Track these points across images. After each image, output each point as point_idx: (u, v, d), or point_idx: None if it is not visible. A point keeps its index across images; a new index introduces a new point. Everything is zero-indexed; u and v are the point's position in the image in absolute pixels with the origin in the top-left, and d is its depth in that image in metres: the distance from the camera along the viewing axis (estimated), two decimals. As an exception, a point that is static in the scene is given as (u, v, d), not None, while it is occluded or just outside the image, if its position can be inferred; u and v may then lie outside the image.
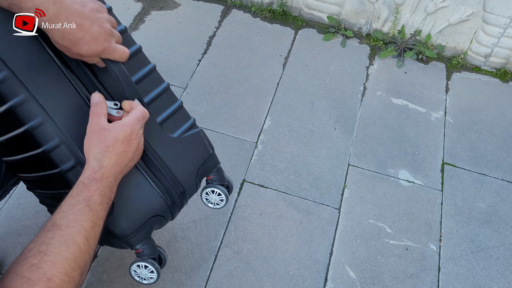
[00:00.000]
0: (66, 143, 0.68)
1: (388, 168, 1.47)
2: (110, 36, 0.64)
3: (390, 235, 1.32)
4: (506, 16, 1.61)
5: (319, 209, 1.36)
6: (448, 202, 1.41)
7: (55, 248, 0.56)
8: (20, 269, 0.53)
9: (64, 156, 0.68)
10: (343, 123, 1.58)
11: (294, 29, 1.89)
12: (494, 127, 1.61)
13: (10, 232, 1.24)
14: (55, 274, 0.54)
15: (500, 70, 1.79)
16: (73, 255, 0.56)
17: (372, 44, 1.85)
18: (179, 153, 0.84)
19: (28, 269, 0.53)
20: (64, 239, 0.57)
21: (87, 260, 0.59)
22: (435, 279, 1.25)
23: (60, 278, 0.54)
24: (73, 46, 0.61)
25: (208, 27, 1.86)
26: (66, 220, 0.59)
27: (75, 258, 0.56)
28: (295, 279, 1.22)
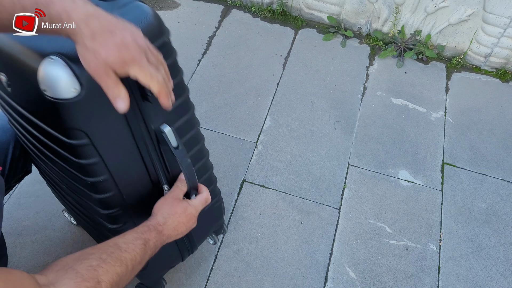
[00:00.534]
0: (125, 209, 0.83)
1: (388, 168, 1.47)
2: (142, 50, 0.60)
3: (390, 235, 1.32)
4: (506, 16, 1.61)
5: (319, 209, 1.36)
6: (448, 202, 1.41)
7: (112, 261, 0.64)
8: (78, 266, 0.60)
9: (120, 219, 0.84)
10: (343, 123, 1.58)
11: (294, 29, 1.89)
12: (494, 127, 1.61)
13: (10, 232, 1.24)
14: (105, 280, 0.61)
15: (500, 70, 1.79)
16: (122, 273, 0.65)
17: (372, 44, 1.85)
18: (202, 222, 0.96)
19: (85, 268, 0.60)
20: (121, 259, 0.66)
21: (123, 284, 0.67)
22: (435, 279, 1.25)
23: (107, 285, 0.61)
24: (102, 47, 0.57)
25: (208, 27, 1.86)
26: (126, 246, 0.68)
27: (121, 276, 0.65)
28: (295, 279, 1.22)
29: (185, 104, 0.80)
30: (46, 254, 1.21)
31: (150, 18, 0.69)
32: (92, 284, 0.59)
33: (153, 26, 0.69)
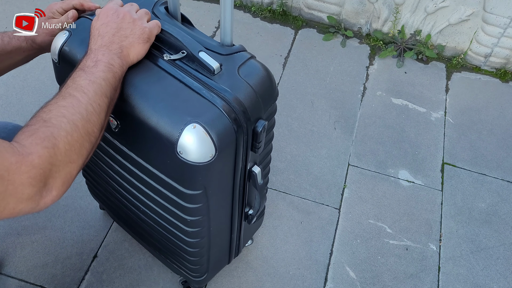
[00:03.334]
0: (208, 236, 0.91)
1: (388, 168, 1.47)
2: None
3: (390, 235, 1.32)
4: (506, 16, 1.61)
5: (319, 209, 1.36)
6: (448, 202, 1.41)
7: (53, 102, 0.61)
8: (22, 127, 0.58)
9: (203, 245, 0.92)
10: (343, 123, 1.58)
11: (294, 29, 1.89)
12: (494, 127, 1.61)
13: (10, 232, 1.24)
14: (51, 117, 0.58)
15: (500, 70, 1.79)
16: (70, 104, 0.60)
17: (372, 44, 1.85)
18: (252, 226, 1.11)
19: (27, 123, 0.59)
20: (61, 94, 0.61)
21: (90, 109, 0.62)
22: (435, 279, 1.25)
23: (57, 119, 0.58)
24: None
25: (208, 27, 1.86)
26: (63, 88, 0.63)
27: (73, 105, 0.60)
28: (295, 279, 1.22)
29: (270, 148, 0.90)
30: (46, 254, 1.21)
31: (266, 81, 0.76)
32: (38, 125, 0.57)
33: (268, 88, 0.76)
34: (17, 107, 1.49)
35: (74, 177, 0.60)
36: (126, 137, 0.78)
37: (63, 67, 0.78)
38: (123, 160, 0.83)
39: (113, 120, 0.76)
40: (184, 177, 0.74)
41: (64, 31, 0.78)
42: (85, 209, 1.29)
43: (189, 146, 0.67)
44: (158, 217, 0.89)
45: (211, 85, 0.71)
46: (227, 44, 0.79)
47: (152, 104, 0.69)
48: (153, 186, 0.81)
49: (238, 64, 0.75)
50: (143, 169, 0.80)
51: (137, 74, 0.72)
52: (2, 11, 1.78)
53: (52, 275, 1.18)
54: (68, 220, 1.27)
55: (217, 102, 0.69)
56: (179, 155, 0.68)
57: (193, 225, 0.84)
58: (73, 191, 1.32)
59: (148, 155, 0.77)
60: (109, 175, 0.93)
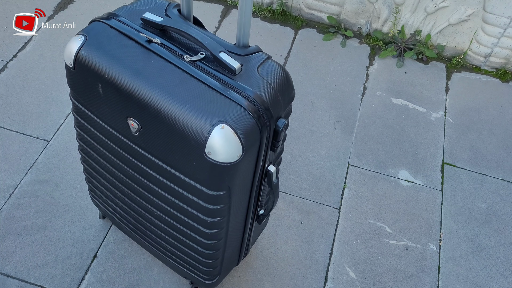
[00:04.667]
0: (225, 237, 0.92)
1: (388, 168, 1.47)
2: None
3: (390, 235, 1.32)
4: (506, 16, 1.61)
5: (319, 209, 1.36)
6: (448, 202, 1.41)
7: None
8: None
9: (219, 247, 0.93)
10: (343, 123, 1.58)
11: (294, 29, 1.89)
12: (494, 127, 1.61)
13: (10, 232, 1.24)
14: None
15: (500, 70, 1.79)
16: None
17: (372, 44, 1.85)
18: (261, 227, 1.14)
19: None
20: None
21: None
22: (435, 279, 1.25)
23: None
24: None
25: (208, 27, 1.86)
26: None
27: None
28: (295, 279, 1.22)
29: (283, 148, 0.91)
30: (46, 254, 1.21)
31: (285, 80, 0.79)
32: None
33: (287, 87, 0.79)
34: (17, 107, 1.49)
35: None
36: (148, 141, 0.78)
37: (79, 72, 0.77)
38: (140, 164, 0.83)
39: (134, 124, 0.76)
40: (210, 178, 0.75)
41: (79, 35, 0.77)
42: (85, 209, 1.29)
43: (218, 146, 0.68)
44: (175, 221, 0.89)
45: (234, 85, 0.72)
46: (243, 45, 0.79)
47: (178, 106, 0.69)
48: (173, 189, 0.81)
49: (257, 64, 0.76)
50: (164, 173, 0.80)
51: (160, 76, 0.72)
52: (2, 11, 1.78)
53: (52, 275, 1.18)
54: (68, 220, 1.27)
55: (242, 102, 0.70)
56: (207, 156, 0.69)
57: (213, 226, 0.84)
58: (73, 191, 1.32)
59: (171, 158, 0.77)
60: (121, 180, 0.92)
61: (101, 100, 0.79)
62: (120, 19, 0.79)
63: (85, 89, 0.82)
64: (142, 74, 0.72)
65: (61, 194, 1.32)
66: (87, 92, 0.82)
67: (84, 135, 0.93)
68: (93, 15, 1.84)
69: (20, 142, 1.42)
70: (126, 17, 0.80)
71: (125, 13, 0.81)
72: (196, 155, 0.70)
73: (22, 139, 1.43)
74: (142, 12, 0.80)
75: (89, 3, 1.87)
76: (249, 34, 0.78)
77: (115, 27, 0.78)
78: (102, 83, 0.76)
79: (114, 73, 0.73)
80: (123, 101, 0.75)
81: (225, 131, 0.67)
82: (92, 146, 0.93)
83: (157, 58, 0.74)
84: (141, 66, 0.73)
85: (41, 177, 1.35)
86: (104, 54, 0.74)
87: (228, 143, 0.68)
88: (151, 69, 0.73)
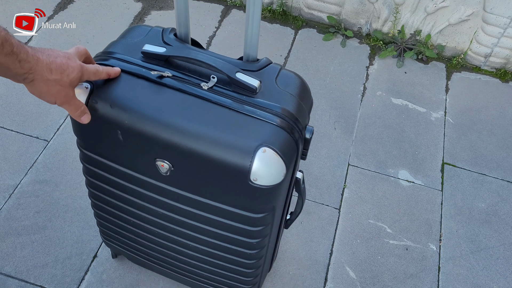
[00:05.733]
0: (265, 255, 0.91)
1: (388, 168, 1.47)
2: None
3: (390, 235, 1.32)
4: (506, 16, 1.61)
5: (319, 209, 1.36)
6: (448, 202, 1.41)
7: None
8: None
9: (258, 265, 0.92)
10: (343, 123, 1.58)
11: (294, 29, 1.89)
12: (494, 127, 1.61)
13: (10, 232, 1.24)
14: None
15: (500, 70, 1.79)
16: None
17: (372, 44, 1.85)
18: None
19: None
20: None
21: None
22: (435, 279, 1.25)
23: None
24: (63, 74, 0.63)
25: (208, 27, 1.86)
26: None
27: None
28: (295, 279, 1.22)
29: None
30: (46, 254, 1.21)
31: (304, 87, 0.76)
32: None
33: (307, 94, 0.77)
34: (17, 107, 1.49)
35: None
36: (181, 178, 0.74)
37: (91, 123, 0.70)
38: (172, 202, 0.79)
39: (164, 165, 0.72)
40: (255, 203, 0.73)
41: (84, 83, 0.71)
42: (85, 209, 1.29)
43: (263, 171, 0.66)
44: (214, 249, 0.86)
45: (260, 104, 0.69)
46: (252, 59, 0.76)
47: (212, 138, 0.66)
48: (212, 220, 0.79)
49: (274, 77, 0.74)
50: (200, 206, 0.77)
51: (184, 111, 0.69)
52: (2, 11, 1.78)
53: (52, 275, 1.18)
54: (68, 220, 1.27)
55: (274, 120, 0.68)
56: (252, 183, 0.67)
57: (257, 246, 0.83)
58: (73, 191, 1.32)
59: (209, 191, 0.74)
60: (146, 221, 0.88)
61: (122, 147, 0.74)
62: (119, 57, 0.74)
63: (100, 138, 0.76)
64: (165, 112, 0.68)
65: (61, 194, 1.32)
66: (103, 141, 0.76)
67: (97, 183, 0.87)
68: (93, 15, 1.85)
69: (20, 142, 1.42)
70: (124, 53, 0.74)
71: (122, 49, 0.75)
72: (239, 184, 0.68)
73: (22, 139, 1.43)
74: (138, 45, 0.75)
75: (89, 3, 1.87)
76: (257, 48, 0.75)
77: (119, 67, 0.72)
78: (122, 130, 0.70)
79: (134, 118, 0.69)
80: (149, 144, 0.70)
81: (268, 154, 0.65)
82: (108, 192, 0.87)
83: (174, 92, 0.70)
84: (160, 103, 0.69)
85: (41, 177, 1.35)
86: (117, 99, 0.69)
87: (273, 166, 0.66)
88: (172, 105, 0.69)
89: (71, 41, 1.71)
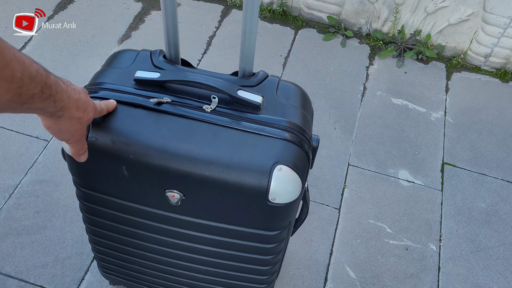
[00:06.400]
0: None
1: (388, 168, 1.47)
2: None
3: (390, 235, 1.32)
4: (506, 16, 1.61)
5: (319, 209, 1.36)
6: (448, 202, 1.41)
7: None
8: None
9: None
10: (343, 123, 1.58)
11: (294, 29, 1.89)
12: (494, 127, 1.61)
13: (10, 232, 1.24)
14: None
15: (500, 70, 1.79)
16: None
17: (372, 44, 1.85)
18: None
19: None
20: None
21: None
22: (435, 279, 1.25)
23: None
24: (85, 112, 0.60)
25: (208, 27, 1.86)
26: None
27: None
28: (295, 279, 1.22)
29: None
30: (46, 254, 1.21)
31: (304, 97, 0.75)
32: None
33: (308, 102, 0.76)
34: (17, 107, 1.49)
35: None
36: (192, 207, 0.72)
37: (91, 161, 0.67)
38: (183, 230, 0.77)
39: (174, 195, 0.69)
40: (273, 221, 0.72)
41: None
42: (85, 209, 1.29)
43: (281, 189, 0.65)
44: (227, 270, 0.85)
45: (266, 120, 0.68)
46: (248, 73, 0.75)
47: (225, 163, 0.64)
48: (226, 242, 0.77)
49: (274, 90, 0.72)
50: (213, 231, 0.75)
51: (191, 137, 0.66)
52: (2, 11, 1.78)
53: (52, 275, 1.18)
54: (68, 220, 1.27)
55: (283, 135, 0.66)
56: (271, 202, 0.66)
57: (272, 262, 0.82)
58: (73, 191, 1.32)
59: (224, 215, 0.72)
60: (152, 250, 0.85)
61: (127, 181, 0.70)
62: (110, 87, 0.69)
63: (101, 175, 0.72)
64: (172, 141, 0.65)
65: (61, 194, 1.32)
66: (104, 178, 0.72)
67: (97, 219, 0.82)
68: (93, 15, 1.85)
69: (20, 142, 1.42)
70: (114, 82, 0.70)
71: (111, 79, 0.71)
72: (256, 205, 0.67)
73: (22, 139, 1.43)
74: (127, 72, 0.71)
75: (89, 3, 1.87)
76: (253, 62, 0.74)
77: (113, 98, 0.68)
78: (126, 165, 0.67)
79: (140, 151, 0.65)
80: (157, 176, 0.67)
81: (284, 172, 0.64)
82: (109, 227, 0.83)
83: (177, 119, 0.67)
84: (165, 132, 0.65)
85: (41, 177, 1.35)
86: (119, 134, 0.65)
87: (290, 183, 0.65)
88: (177, 132, 0.66)
89: (71, 41, 1.71)
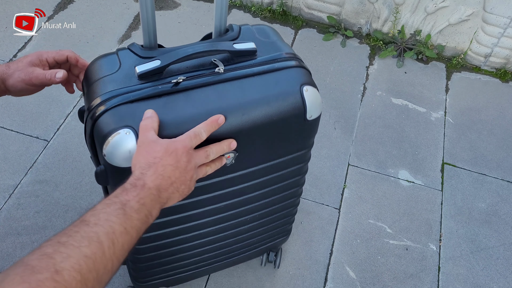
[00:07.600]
0: None
1: (388, 168, 1.47)
2: None
3: (390, 235, 1.32)
4: (506, 16, 1.61)
5: (319, 209, 1.36)
6: (448, 202, 1.41)
7: (76, 242, 0.49)
8: (29, 257, 0.46)
9: None
10: (343, 123, 1.58)
11: (294, 29, 1.89)
12: (494, 127, 1.61)
13: (10, 232, 1.24)
14: (67, 268, 0.46)
15: (500, 70, 1.79)
16: (94, 255, 0.49)
17: (372, 44, 1.85)
18: None
19: (38, 258, 0.45)
20: (89, 235, 0.50)
21: (108, 268, 0.53)
22: (435, 279, 1.25)
23: (70, 274, 0.45)
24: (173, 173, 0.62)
25: (208, 27, 1.86)
26: (95, 218, 0.53)
27: (95, 258, 0.49)
28: (295, 279, 1.22)
29: None
30: (46, 254, 1.21)
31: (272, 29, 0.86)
32: (46, 275, 0.44)
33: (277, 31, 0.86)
34: (17, 107, 1.49)
35: None
36: (244, 159, 0.76)
37: None
38: (235, 187, 0.81)
39: (229, 156, 0.73)
40: (308, 138, 0.81)
41: (124, 129, 0.64)
42: (85, 209, 1.29)
43: (314, 105, 0.74)
44: (271, 206, 0.92)
45: (269, 59, 0.76)
46: (224, 30, 0.81)
47: (264, 102, 0.71)
48: (271, 179, 0.84)
49: (254, 35, 0.80)
50: (261, 173, 0.81)
51: (225, 98, 0.70)
52: (2, 11, 1.78)
53: (52, 275, 1.18)
54: (68, 220, 1.27)
55: (291, 63, 0.76)
56: (308, 120, 0.75)
57: (303, 179, 0.92)
58: (73, 191, 1.32)
59: (268, 154, 0.79)
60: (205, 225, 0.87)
61: None
62: (118, 92, 0.68)
63: None
64: (213, 107, 0.68)
65: (61, 194, 1.32)
66: None
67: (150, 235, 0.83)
68: (93, 15, 1.85)
69: (20, 142, 1.42)
70: (119, 87, 0.69)
71: (113, 85, 0.70)
72: (297, 127, 0.75)
73: (22, 139, 1.43)
74: (122, 74, 0.71)
75: (89, 3, 1.87)
76: (226, 20, 0.80)
77: (130, 99, 0.67)
78: None
79: None
80: None
81: (310, 91, 0.73)
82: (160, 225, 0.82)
83: (201, 90, 0.70)
84: (201, 105, 0.68)
85: (41, 177, 1.35)
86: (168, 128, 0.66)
87: (316, 98, 0.74)
88: (211, 99, 0.69)
89: (71, 41, 1.71)
